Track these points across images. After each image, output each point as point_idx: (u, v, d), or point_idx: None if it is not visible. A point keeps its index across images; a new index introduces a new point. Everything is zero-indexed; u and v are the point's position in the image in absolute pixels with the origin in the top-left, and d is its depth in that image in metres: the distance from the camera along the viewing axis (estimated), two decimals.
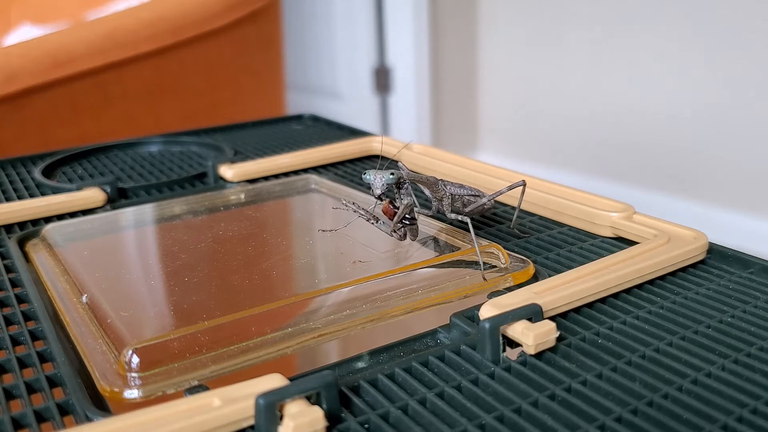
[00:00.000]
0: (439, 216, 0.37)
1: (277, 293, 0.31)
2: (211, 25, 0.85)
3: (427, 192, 0.35)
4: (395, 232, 0.33)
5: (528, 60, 1.58)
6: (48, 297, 0.32)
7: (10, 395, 0.25)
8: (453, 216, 0.35)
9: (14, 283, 0.34)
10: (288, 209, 0.45)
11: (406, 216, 0.33)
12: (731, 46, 1.24)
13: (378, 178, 0.32)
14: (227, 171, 0.49)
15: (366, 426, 0.22)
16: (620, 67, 1.40)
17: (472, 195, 0.36)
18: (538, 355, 0.26)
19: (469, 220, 0.33)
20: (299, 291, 0.32)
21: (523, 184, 0.36)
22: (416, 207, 0.34)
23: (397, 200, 0.33)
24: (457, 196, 0.35)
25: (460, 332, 0.28)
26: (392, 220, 0.33)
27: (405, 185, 0.33)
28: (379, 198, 0.32)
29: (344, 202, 0.34)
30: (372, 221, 0.34)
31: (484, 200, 0.36)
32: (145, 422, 0.21)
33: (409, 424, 0.22)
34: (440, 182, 0.35)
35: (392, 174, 0.32)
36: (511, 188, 0.36)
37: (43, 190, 0.48)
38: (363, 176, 0.32)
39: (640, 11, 1.35)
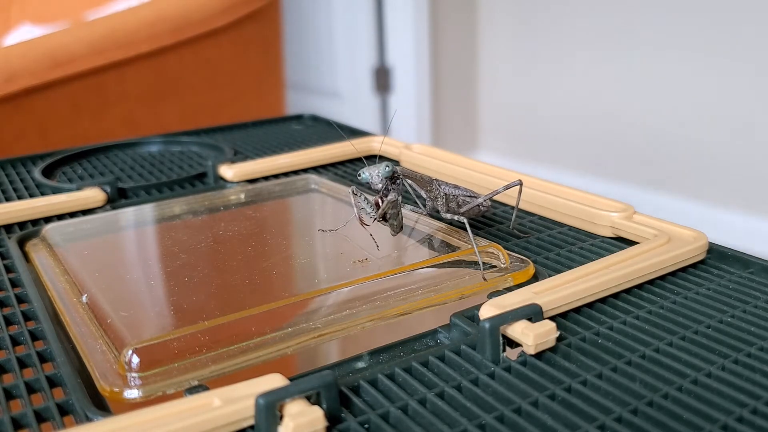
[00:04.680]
0: (438, 216, 0.37)
1: (277, 293, 0.31)
2: (211, 25, 0.85)
3: (422, 191, 0.35)
4: (367, 219, 0.34)
5: (528, 60, 1.58)
6: (48, 297, 0.32)
7: (10, 395, 0.25)
8: (449, 216, 0.35)
9: (14, 283, 0.34)
10: (288, 209, 0.45)
11: (389, 211, 0.33)
12: (731, 46, 1.24)
13: (375, 174, 0.32)
14: (227, 171, 0.49)
15: (366, 426, 0.22)
16: (620, 67, 1.40)
17: (468, 195, 0.36)
18: (538, 355, 0.26)
19: (466, 221, 0.33)
20: (299, 291, 0.32)
21: (520, 183, 0.36)
22: (402, 206, 0.34)
23: (389, 194, 0.33)
24: (451, 196, 0.35)
25: (460, 332, 0.28)
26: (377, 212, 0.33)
27: (398, 181, 0.33)
28: (380, 193, 0.33)
29: (353, 190, 0.34)
30: (363, 211, 0.34)
31: (480, 200, 0.36)
32: (145, 422, 0.21)
33: (409, 424, 0.22)
34: (435, 182, 0.35)
35: (387, 167, 0.32)
36: (507, 188, 0.36)
37: (43, 190, 0.48)
38: (359, 176, 0.33)
39: (641, 11, 1.35)
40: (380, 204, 0.33)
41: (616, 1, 1.39)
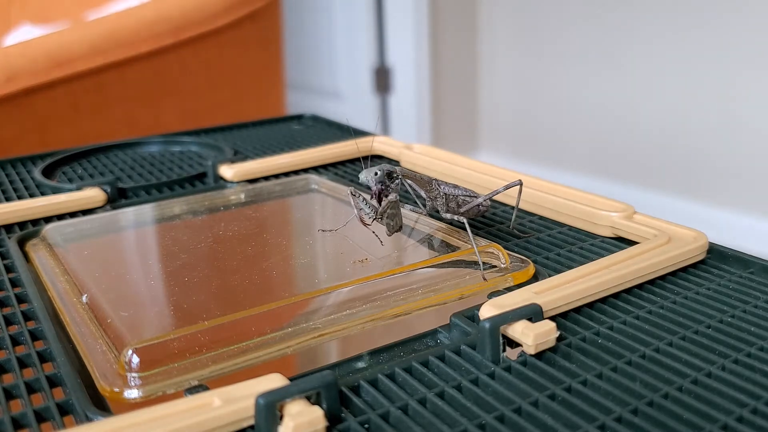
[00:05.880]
0: (438, 216, 0.37)
1: (277, 293, 0.31)
2: (211, 25, 0.85)
3: (421, 191, 0.35)
4: (368, 219, 0.34)
5: (528, 60, 1.58)
6: (48, 297, 0.32)
7: (10, 395, 0.25)
8: (449, 216, 0.35)
9: (14, 283, 0.34)
10: (288, 209, 0.45)
11: (388, 211, 0.33)
12: (731, 46, 1.24)
13: (371, 177, 0.33)
14: (227, 171, 0.49)
15: (366, 426, 0.22)
16: (620, 67, 1.40)
17: (467, 195, 0.36)
18: (538, 355, 0.26)
19: (465, 221, 0.33)
20: (299, 291, 0.32)
21: (520, 183, 0.36)
22: (402, 206, 0.34)
23: (390, 194, 0.33)
24: (451, 196, 0.35)
25: (460, 332, 0.28)
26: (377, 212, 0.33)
27: (396, 181, 0.33)
28: (375, 193, 0.33)
29: (351, 191, 0.34)
30: (362, 212, 0.34)
31: (480, 200, 0.36)
32: (145, 422, 0.21)
33: (409, 424, 0.22)
34: (434, 181, 0.35)
35: (377, 172, 0.33)
36: (507, 188, 0.36)
37: (43, 190, 0.48)
38: (359, 179, 0.33)
39: (640, 11, 1.35)
40: (380, 202, 0.33)
41: (616, 2, 1.38)
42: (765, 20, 1.19)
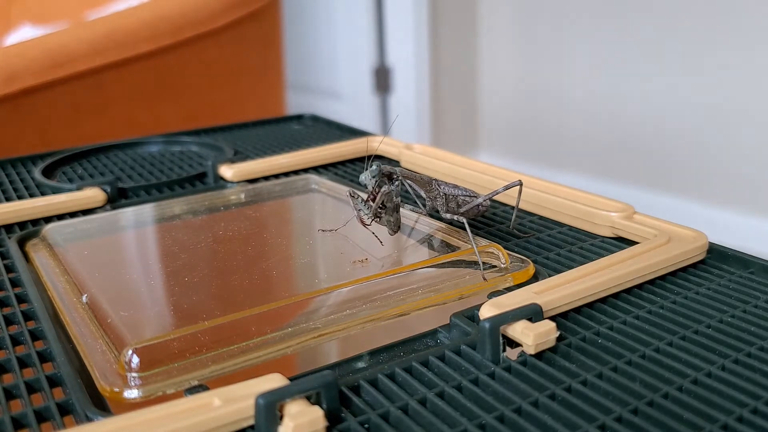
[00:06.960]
0: (438, 216, 0.37)
1: (277, 293, 0.31)
2: (211, 25, 0.85)
3: (421, 192, 0.35)
4: (367, 219, 0.33)
5: (528, 60, 1.58)
6: (48, 297, 0.32)
7: (10, 395, 0.25)
8: (449, 216, 0.35)
9: (14, 283, 0.34)
10: (288, 209, 0.45)
11: (384, 205, 0.33)
12: (731, 46, 1.24)
13: (367, 175, 0.33)
14: (227, 171, 0.49)
15: (366, 426, 0.22)
16: (620, 67, 1.40)
17: (467, 195, 0.36)
18: (538, 355, 0.26)
19: (465, 221, 0.33)
20: (299, 291, 0.32)
21: (520, 183, 0.36)
22: (402, 206, 0.34)
23: (383, 187, 0.33)
24: (451, 196, 0.35)
25: (460, 332, 0.28)
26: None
27: (396, 181, 0.33)
28: (372, 192, 0.33)
29: (350, 192, 0.34)
30: (361, 212, 0.34)
31: (479, 200, 0.36)
32: (145, 422, 0.21)
33: (409, 424, 0.22)
34: (434, 182, 0.35)
35: (375, 167, 0.33)
36: (507, 188, 0.36)
37: (43, 190, 0.48)
38: (360, 180, 0.33)
39: (640, 11, 1.35)
40: (375, 198, 0.33)
41: (615, 2, 1.38)
42: (765, 20, 1.19)
